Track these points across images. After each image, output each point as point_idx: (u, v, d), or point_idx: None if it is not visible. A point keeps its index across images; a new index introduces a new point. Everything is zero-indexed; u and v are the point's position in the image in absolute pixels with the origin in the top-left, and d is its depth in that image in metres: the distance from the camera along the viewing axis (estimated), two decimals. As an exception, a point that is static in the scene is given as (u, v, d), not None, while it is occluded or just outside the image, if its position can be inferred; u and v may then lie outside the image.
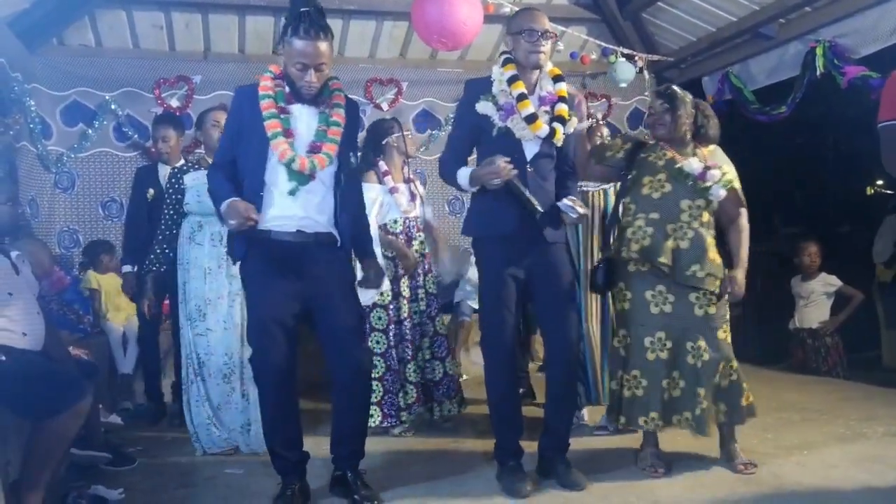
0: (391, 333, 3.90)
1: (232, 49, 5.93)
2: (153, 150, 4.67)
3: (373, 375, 3.82)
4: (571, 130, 3.02)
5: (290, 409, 2.84)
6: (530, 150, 2.96)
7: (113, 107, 5.52)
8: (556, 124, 2.94)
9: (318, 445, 3.00)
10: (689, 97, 3.22)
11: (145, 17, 5.56)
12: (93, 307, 4.86)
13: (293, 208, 2.76)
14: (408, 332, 3.93)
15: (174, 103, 5.67)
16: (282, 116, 2.75)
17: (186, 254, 3.67)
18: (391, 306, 3.91)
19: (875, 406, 4.09)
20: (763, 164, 3.55)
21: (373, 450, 3.07)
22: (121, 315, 4.85)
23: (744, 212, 3.24)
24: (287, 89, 2.78)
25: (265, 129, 2.72)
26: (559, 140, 2.97)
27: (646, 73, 6.33)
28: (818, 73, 4.92)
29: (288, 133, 2.74)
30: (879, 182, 9.35)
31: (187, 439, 3.69)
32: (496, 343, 2.99)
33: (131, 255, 4.46)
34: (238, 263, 2.87)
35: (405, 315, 3.93)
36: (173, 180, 3.80)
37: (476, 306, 5.53)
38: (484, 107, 2.93)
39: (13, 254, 2.86)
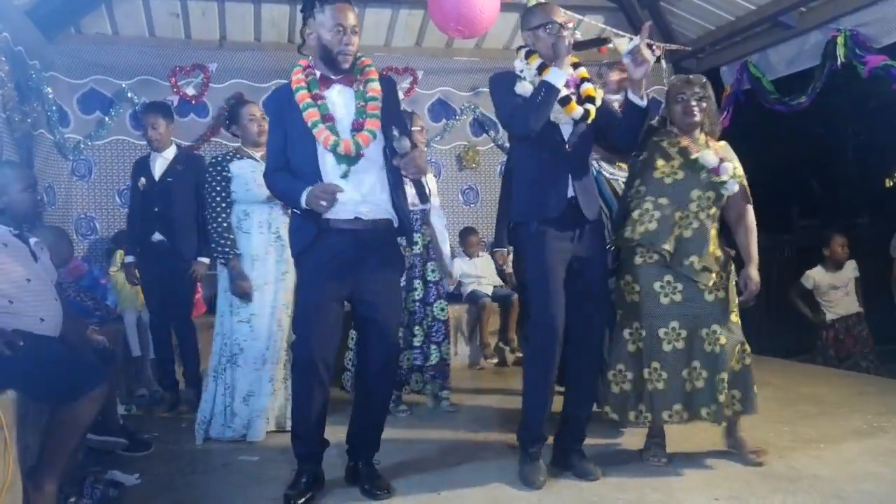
0: None
1: (247, 37, 5.93)
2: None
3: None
4: (600, 102, 3.00)
5: (323, 397, 2.83)
6: (566, 131, 2.96)
7: (129, 95, 5.55)
8: (587, 105, 2.94)
9: (332, 434, 3.01)
10: None
11: (161, 6, 5.58)
12: (115, 289, 4.90)
13: (349, 192, 2.74)
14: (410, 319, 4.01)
15: (190, 91, 5.69)
16: (319, 104, 2.75)
17: (236, 244, 3.65)
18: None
19: (893, 400, 4.05)
20: (781, 155, 3.51)
21: (388, 438, 3.07)
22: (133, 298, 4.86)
23: (750, 208, 3.23)
24: (318, 75, 2.79)
25: (305, 123, 2.72)
26: (591, 118, 2.95)
27: (663, 62, 6.27)
28: (839, 62, 4.85)
29: (327, 118, 2.74)
30: (899, 174, 9.25)
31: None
32: (544, 325, 2.93)
33: (133, 245, 4.49)
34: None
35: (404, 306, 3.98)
36: (219, 167, 3.72)
37: (487, 292, 5.58)
38: (522, 87, 2.90)
39: (32, 240, 2.88)
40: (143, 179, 4.39)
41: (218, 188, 3.69)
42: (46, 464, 2.56)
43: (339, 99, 2.79)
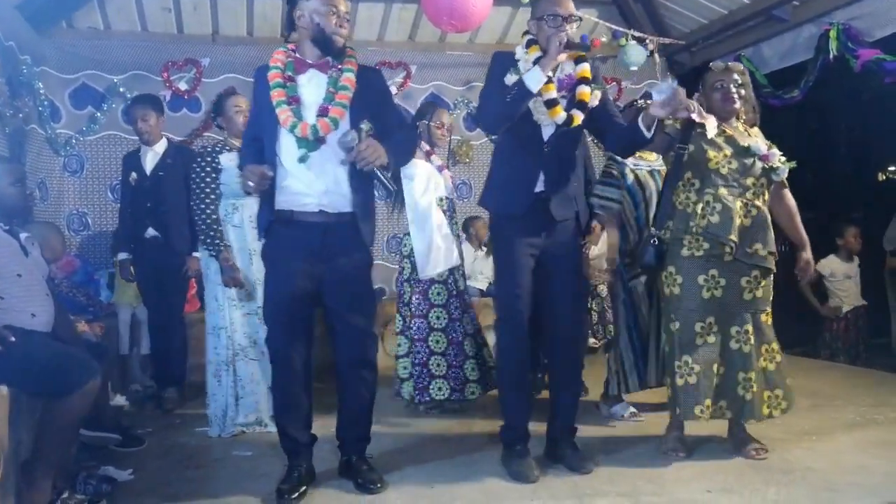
0: (452, 307, 3.94)
1: (240, 32, 5.91)
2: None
3: (435, 350, 3.90)
4: (596, 103, 2.94)
5: (303, 391, 2.85)
6: (548, 132, 2.94)
7: (121, 90, 5.52)
8: (574, 111, 2.89)
9: (328, 428, 3.01)
10: None
11: (153, 0, 5.54)
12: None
13: (313, 183, 2.74)
14: (466, 305, 4.01)
15: (182, 86, 5.66)
16: (287, 85, 2.75)
17: (225, 236, 3.64)
18: (449, 280, 3.96)
19: (886, 392, 4.07)
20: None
21: (382, 432, 3.08)
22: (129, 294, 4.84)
23: (787, 191, 3.27)
24: (297, 56, 2.79)
25: (272, 100, 2.73)
26: (575, 124, 2.91)
27: (656, 56, 6.26)
28: (831, 56, 4.86)
29: (293, 100, 2.74)
30: (892, 168, 9.26)
31: (196, 421, 3.71)
32: (511, 321, 2.97)
33: (125, 241, 4.47)
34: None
35: (462, 288, 4.00)
36: (209, 158, 3.70)
37: (480, 287, 5.57)
38: (512, 80, 2.86)
39: (22, 235, 2.87)
40: (134, 174, 4.37)
41: (207, 179, 3.67)
42: (39, 459, 2.56)
43: (311, 84, 2.78)
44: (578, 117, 2.89)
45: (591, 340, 5.33)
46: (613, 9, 6.25)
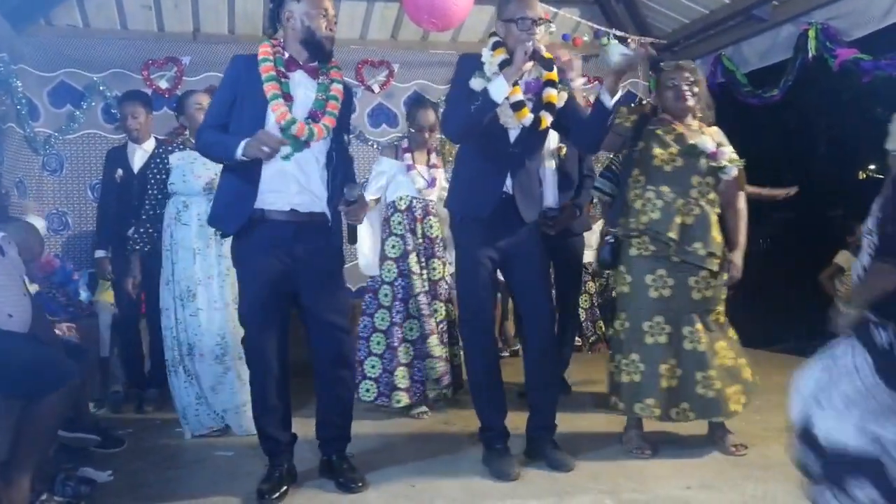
0: (394, 311, 3.90)
1: (221, 30, 5.87)
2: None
3: (374, 351, 3.90)
4: (562, 103, 2.95)
5: (280, 391, 2.85)
6: (514, 134, 2.95)
7: (101, 88, 5.46)
8: (543, 112, 2.90)
9: (308, 428, 3.00)
10: None
11: (133, -2, 5.50)
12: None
13: (287, 181, 2.74)
14: (413, 311, 3.92)
15: (163, 85, 5.62)
16: (282, 80, 2.73)
17: (173, 234, 3.62)
18: (397, 283, 3.92)
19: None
20: (755, 147, 3.55)
21: (363, 431, 3.07)
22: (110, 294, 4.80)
23: (742, 194, 3.25)
24: (287, 55, 2.76)
25: (263, 94, 2.68)
26: (543, 126, 2.93)
27: (638, 55, 6.29)
28: (810, 55, 4.90)
29: (287, 97, 2.72)
30: (872, 166, 9.37)
31: (176, 422, 3.68)
32: (475, 325, 3.01)
33: (105, 239, 4.43)
34: (228, 241, 2.85)
35: (413, 293, 3.92)
36: (158, 160, 3.76)
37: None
38: (477, 83, 2.85)
39: (-1, 235, 2.83)
40: (120, 171, 4.33)
41: (153, 180, 3.72)
42: (18, 460, 2.53)
43: (301, 85, 2.77)
44: (547, 119, 2.91)
45: (577, 339, 5.37)
46: (595, 8, 6.27)
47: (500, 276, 3.18)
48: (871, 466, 1.90)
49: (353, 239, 2.94)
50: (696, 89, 3.16)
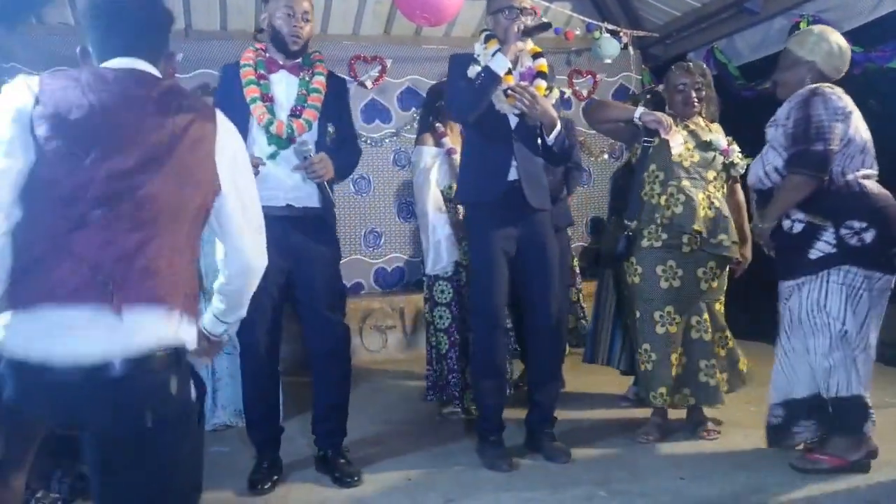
0: (454, 307, 3.66)
1: (213, 26, 5.85)
2: None
3: (437, 352, 3.68)
4: (553, 101, 3.00)
5: (271, 384, 2.89)
6: (514, 121, 2.98)
7: (93, 86, 5.44)
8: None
9: (304, 423, 3.01)
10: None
11: (125, -5, 5.47)
12: None
13: (282, 178, 2.77)
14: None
15: (155, 82, 5.60)
16: (261, 82, 2.80)
17: None
18: (455, 278, 3.67)
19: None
20: (748, 141, 3.56)
21: (358, 425, 3.09)
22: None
23: (738, 186, 3.35)
24: (268, 56, 2.82)
25: (245, 96, 2.75)
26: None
27: (630, 49, 6.31)
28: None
29: (266, 98, 2.78)
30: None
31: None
32: (486, 313, 3.00)
33: None
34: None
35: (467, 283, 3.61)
36: None
37: None
38: (474, 72, 2.91)
39: None
40: None
41: None
42: (13, 457, 2.53)
43: (282, 84, 2.82)
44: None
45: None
46: (587, 2, 6.26)
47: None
48: None
49: (327, 201, 2.84)
50: (703, 93, 3.23)
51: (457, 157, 3.69)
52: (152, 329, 1.46)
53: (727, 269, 3.27)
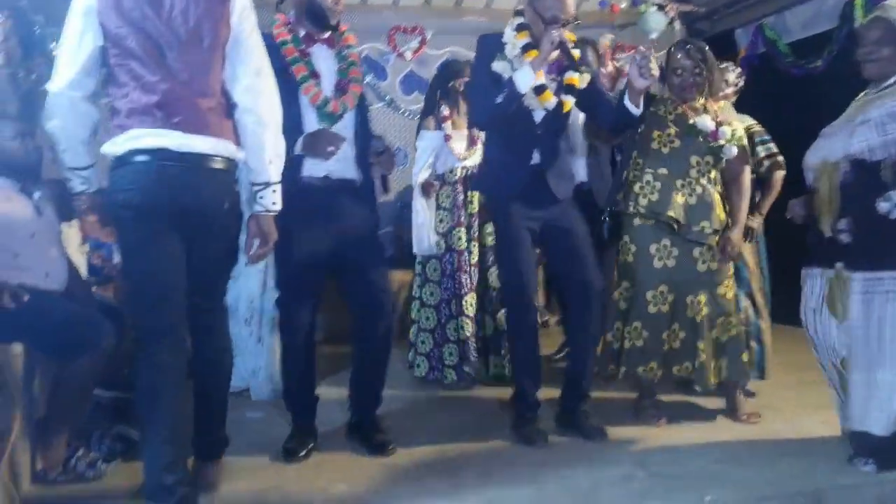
0: (443, 286, 3.83)
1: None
2: None
3: (424, 327, 3.86)
4: (585, 85, 2.94)
5: (310, 353, 2.90)
6: (539, 115, 2.93)
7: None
8: (565, 96, 2.90)
9: (339, 392, 3.02)
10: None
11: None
12: None
13: None
14: (461, 285, 3.80)
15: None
16: (305, 60, 2.75)
17: None
18: (445, 258, 3.84)
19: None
20: (795, 120, 3.46)
21: (389, 396, 3.09)
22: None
23: (747, 169, 3.22)
24: (302, 33, 2.77)
25: (289, 75, 2.69)
26: (568, 110, 2.95)
27: (676, 24, 6.14)
28: (857, 25, 4.74)
29: (315, 75, 2.75)
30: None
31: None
32: (518, 296, 3.01)
33: None
34: None
35: (458, 267, 3.81)
36: None
37: None
38: (500, 66, 2.87)
39: (35, 195, 2.86)
40: None
41: None
42: (54, 419, 2.58)
43: (322, 59, 2.79)
44: (569, 103, 2.92)
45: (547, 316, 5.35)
46: (634, -25, 6.12)
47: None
48: None
49: (386, 188, 3.05)
50: (703, 76, 3.12)
51: (453, 144, 3.81)
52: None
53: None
